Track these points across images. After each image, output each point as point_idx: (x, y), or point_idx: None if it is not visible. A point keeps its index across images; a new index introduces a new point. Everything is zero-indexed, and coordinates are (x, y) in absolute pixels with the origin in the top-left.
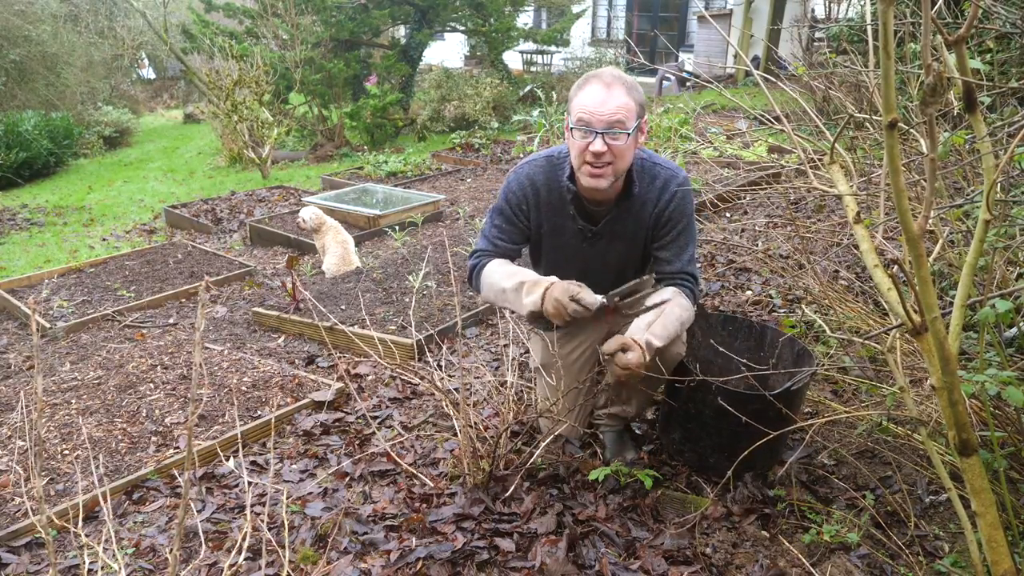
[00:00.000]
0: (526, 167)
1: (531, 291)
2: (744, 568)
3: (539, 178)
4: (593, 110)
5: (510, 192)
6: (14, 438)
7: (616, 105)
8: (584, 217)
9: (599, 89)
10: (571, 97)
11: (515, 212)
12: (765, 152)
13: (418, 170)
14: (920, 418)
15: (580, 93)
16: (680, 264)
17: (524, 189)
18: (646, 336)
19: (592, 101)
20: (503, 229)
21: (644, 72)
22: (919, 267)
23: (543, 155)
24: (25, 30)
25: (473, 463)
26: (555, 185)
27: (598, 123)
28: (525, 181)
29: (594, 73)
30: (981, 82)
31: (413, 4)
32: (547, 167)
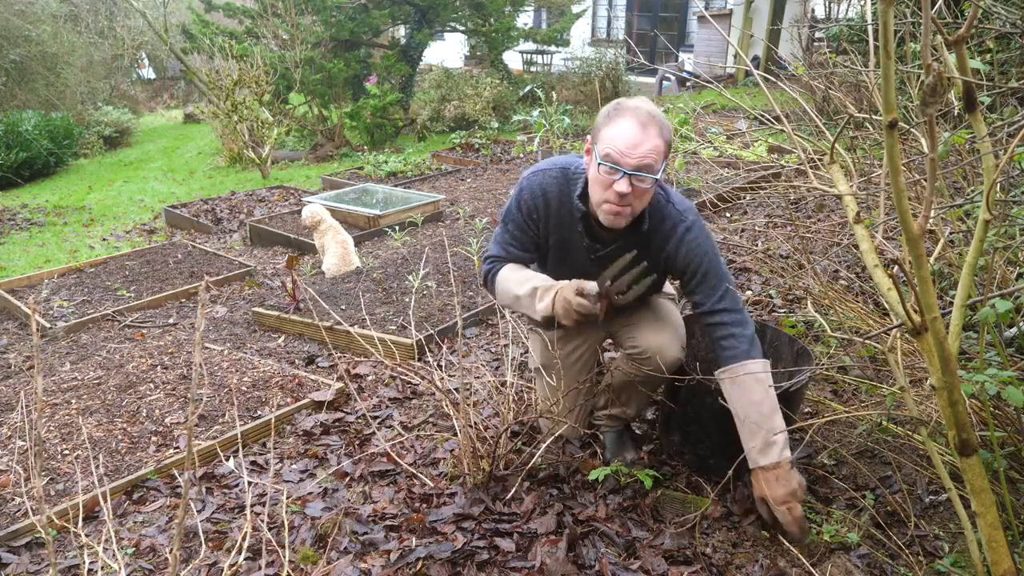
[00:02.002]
0: (539, 176)
1: (543, 296)
2: (744, 568)
3: (551, 190)
4: (624, 150)
5: (522, 200)
6: (14, 438)
7: (648, 148)
8: (592, 236)
9: (633, 128)
10: (600, 125)
11: (526, 220)
12: (765, 152)
13: (418, 170)
14: (920, 418)
15: (612, 126)
16: (712, 304)
17: (536, 199)
18: (774, 459)
19: (624, 140)
20: (515, 236)
21: (644, 72)
22: (919, 267)
23: (559, 165)
24: (25, 30)
25: (473, 463)
26: (566, 200)
27: (627, 164)
28: (537, 191)
29: (629, 106)
30: (981, 82)
31: (413, 4)
32: (561, 180)
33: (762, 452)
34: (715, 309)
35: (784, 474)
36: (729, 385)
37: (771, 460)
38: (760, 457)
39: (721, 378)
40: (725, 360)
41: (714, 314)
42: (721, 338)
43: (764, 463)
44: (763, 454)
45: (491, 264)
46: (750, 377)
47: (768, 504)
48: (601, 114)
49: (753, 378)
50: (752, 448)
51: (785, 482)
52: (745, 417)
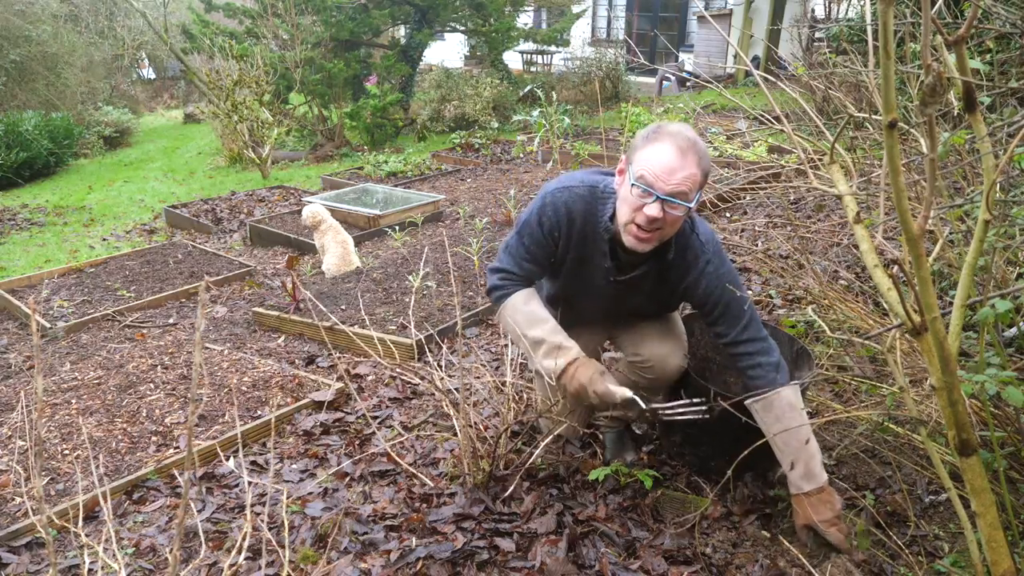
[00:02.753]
0: (565, 194)
1: (551, 355)
2: (744, 568)
3: (577, 208)
4: (660, 174)
5: (545, 216)
6: (14, 438)
7: (685, 175)
8: (615, 260)
9: (673, 153)
10: (637, 145)
11: (546, 236)
12: (765, 152)
13: (418, 170)
14: (920, 418)
15: (650, 148)
16: (735, 335)
17: (560, 216)
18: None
19: (661, 164)
20: (531, 250)
21: (644, 72)
22: (919, 267)
23: (587, 183)
24: (25, 30)
25: (473, 463)
26: (593, 220)
27: (661, 188)
28: (562, 208)
29: (669, 131)
30: (981, 82)
31: (413, 4)
32: (589, 199)
33: (805, 478)
34: (739, 340)
35: (828, 496)
36: (763, 414)
37: (816, 485)
38: (804, 483)
39: (754, 407)
40: (756, 389)
41: (738, 344)
42: (748, 368)
43: (808, 489)
44: (807, 480)
45: (502, 281)
46: (784, 404)
47: (814, 527)
48: (640, 135)
49: (787, 404)
50: (795, 475)
51: (831, 504)
52: (784, 445)
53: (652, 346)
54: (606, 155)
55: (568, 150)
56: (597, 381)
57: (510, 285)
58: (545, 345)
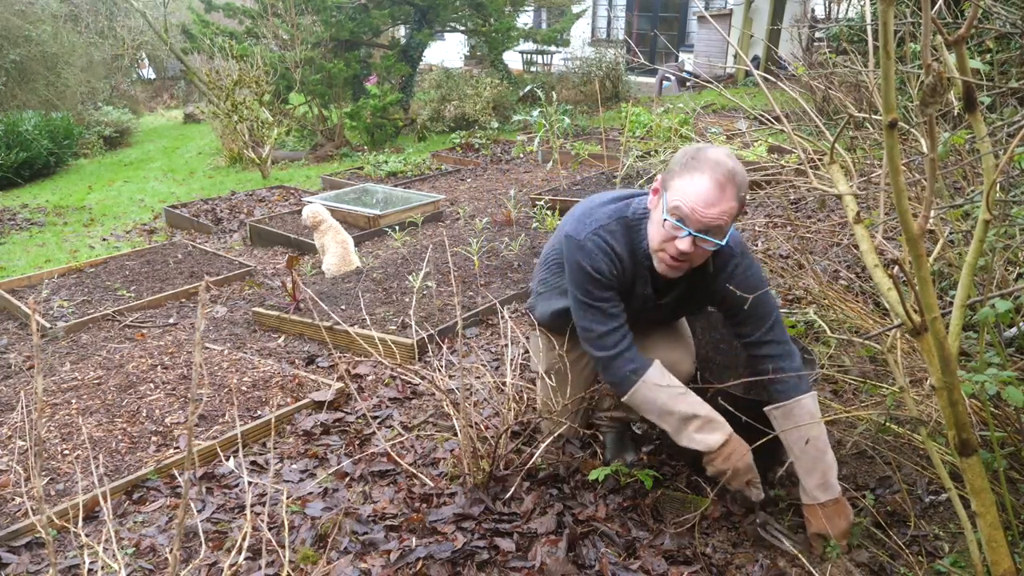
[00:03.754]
0: (601, 236)
1: (705, 430)
2: (744, 568)
3: (618, 246)
4: (695, 207)
5: (596, 261)
6: (14, 438)
7: (721, 210)
8: (654, 285)
9: (710, 186)
10: (675, 170)
11: (609, 278)
12: (765, 152)
13: (418, 170)
14: (920, 418)
15: (687, 178)
16: (759, 335)
17: (611, 259)
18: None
19: (698, 198)
20: (608, 298)
21: (644, 72)
22: (919, 267)
23: (614, 216)
24: (25, 30)
25: (473, 463)
26: (633, 252)
27: (695, 223)
28: (608, 251)
29: (709, 159)
30: (981, 82)
31: (413, 4)
32: (624, 232)
33: (821, 488)
34: (763, 340)
35: (843, 507)
36: (782, 421)
37: (832, 496)
38: (820, 494)
39: (773, 414)
40: (776, 395)
41: (761, 345)
42: (770, 371)
43: (824, 499)
44: (823, 490)
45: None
46: (804, 413)
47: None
48: (679, 158)
49: (807, 414)
50: (812, 485)
51: (845, 515)
52: (802, 454)
53: (662, 352)
54: (606, 155)
55: (568, 150)
56: (755, 471)
57: (629, 353)
58: (698, 420)
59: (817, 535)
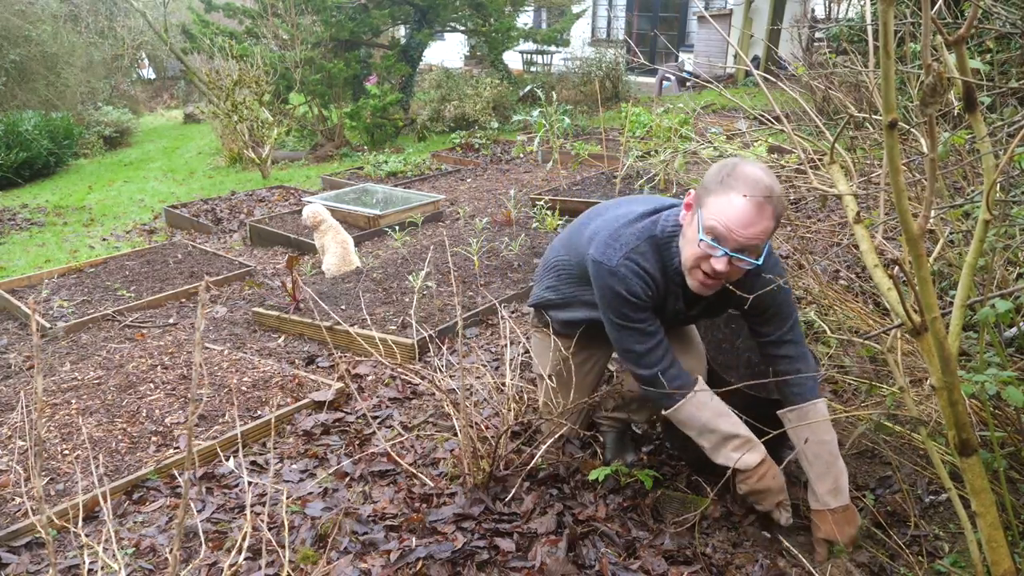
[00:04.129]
0: (633, 259)
1: (742, 449)
2: (744, 568)
3: (650, 267)
4: (732, 227)
5: (631, 285)
6: (14, 438)
7: (758, 230)
8: (684, 300)
9: (748, 207)
10: (710, 186)
11: (645, 301)
12: (765, 152)
13: (418, 170)
14: (920, 418)
15: (724, 197)
16: (779, 335)
17: (645, 281)
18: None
19: (735, 218)
20: (646, 319)
21: (644, 72)
22: (919, 267)
23: (643, 236)
24: (25, 30)
25: (473, 463)
26: (664, 270)
27: (731, 243)
28: (642, 274)
29: (747, 177)
30: (981, 82)
31: (413, 4)
32: (654, 252)
33: (832, 494)
34: (783, 340)
35: (851, 515)
36: (796, 423)
37: (842, 503)
38: (831, 499)
39: (788, 416)
40: (793, 398)
41: (780, 345)
42: (787, 372)
43: (835, 505)
44: (834, 496)
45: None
46: (819, 417)
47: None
48: (713, 175)
49: (824, 418)
50: (823, 490)
51: (853, 522)
52: (815, 458)
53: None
54: (606, 155)
55: (568, 150)
56: (786, 492)
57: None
58: (738, 440)
59: (823, 540)
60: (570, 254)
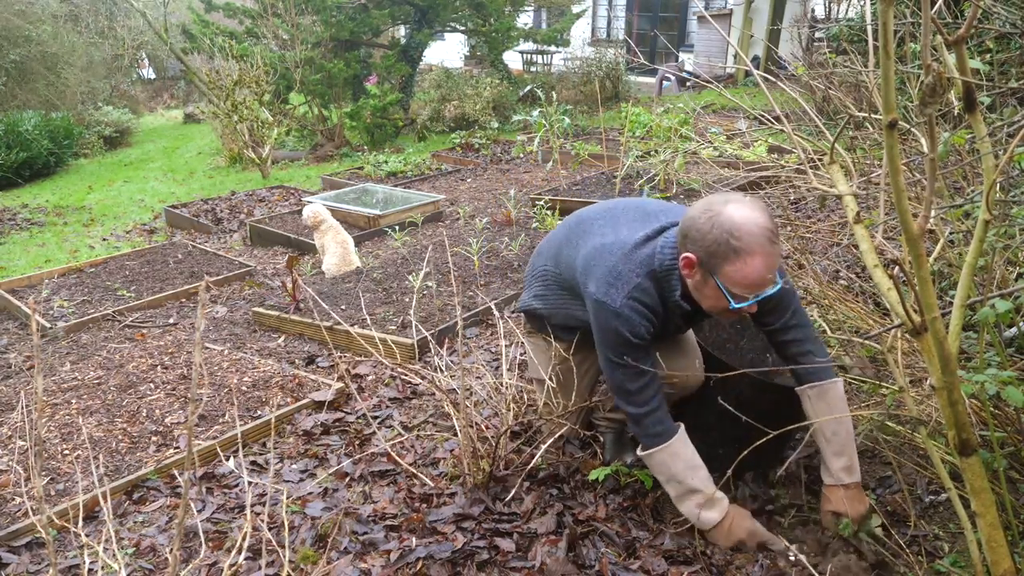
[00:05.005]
0: (637, 299)
1: (706, 507)
2: (744, 568)
3: (651, 303)
4: (760, 286)
5: (635, 327)
6: (14, 438)
7: (776, 266)
8: (686, 319)
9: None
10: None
11: (646, 341)
12: (765, 152)
13: (418, 170)
14: (920, 418)
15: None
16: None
17: (648, 319)
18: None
19: (760, 280)
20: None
21: (644, 72)
22: (919, 267)
23: (644, 271)
24: (25, 30)
25: (473, 463)
26: (665, 303)
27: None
28: (644, 311)
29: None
30: (981, 82)
31: (413, 4)
32: (654, 289)
33: (847, 471)
34: (788, 326)
35: (862, 494)
36: (816, 401)
37: (855, 480)
38: (845, 476)
39: (808, 394)
40: (810, 376)
41: (787, 331)
42: (799, 355)
43: (848, 481)
44: (848, 473)
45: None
46: (837, 395)
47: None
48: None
49: (840, 396)
50: (838, 467)
51: (863, 501)
52: (833, 435)
53: (673, 361)
54: (606, 155)
55: (568, 150)
56: (759, 533)
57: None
58: (700, 495)
59: (833, 513)
60: (559, 268)
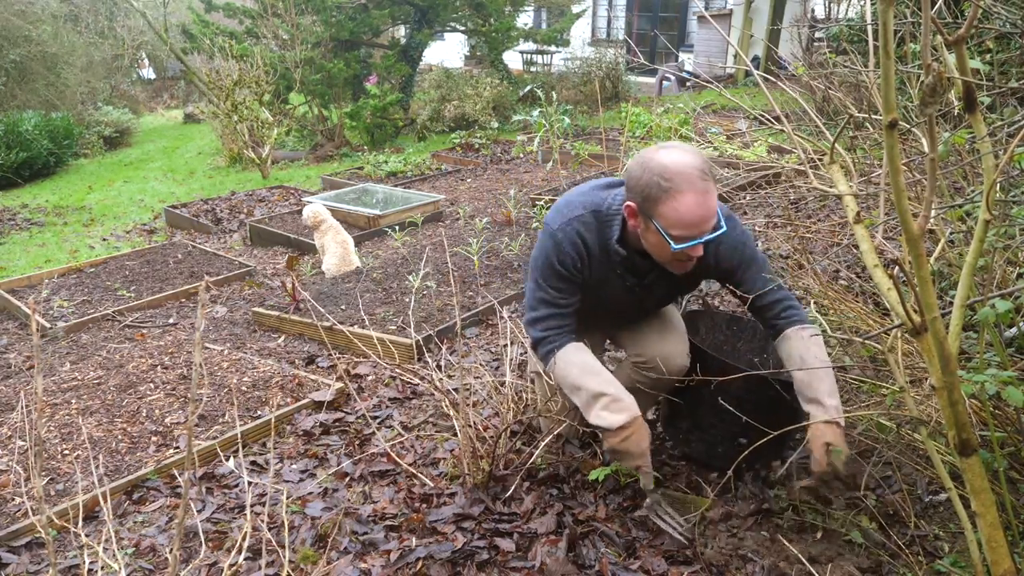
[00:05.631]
0: (574, 225)
1: (611, 408)
2: (744, 568)
3: (588, 237)
4: (695, 224)
5: (562, 253)
6: (14, 438)
7: (712, 208)
8: (632, 272)
9: (698, 203)
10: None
11: (571, 272)
12: (765, 152)
13: (418, 170)
14: (920, 418)
15: (672, 204)
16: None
17: (577, 249)
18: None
19: (696, 218)
20: (563, 290)
21: (644, 72)
22: (919, 267)
23: (589, 208)
24: (25, 30)
25: (473, 463)
26: (604, 245)
27: (699, 233)
28: (577, 241)
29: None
30: (981, 82)
31: (413, 4)
32: (596, 225)
33: (839, 410)
34: (765, 291)
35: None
36: (796, 341)
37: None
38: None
39: (787, 334)
40: (791, 322)
41: (764, 296)
42: (781, 311)
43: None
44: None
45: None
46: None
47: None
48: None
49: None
50: (833, 404)
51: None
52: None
53: (655, 346)
54: (606, 155)
55: (568, 150)
56: (647, 458)
57: (555, 335)
58: (606, 398)
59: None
60: None
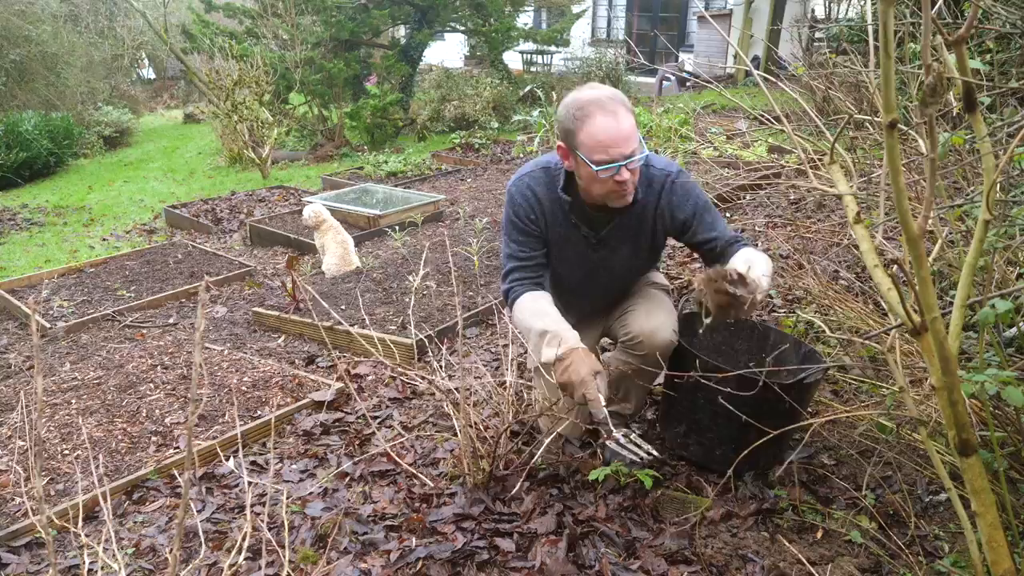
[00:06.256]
0: (525, 179)
1: (550, 343)
2: (744, 568)
3: (539, 189)
4: (612, 145)
5: (516, 205)
6: (14, 438)
7: (629, 132)
8: (587, 223)
9: (610, 123)
10: (570, 127)
11: (526, 223)
12: (765, 152)
13: (418, 170)
14: (920, 418)
15: (587, 128)
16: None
17: (528, 200)
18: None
19: (608, 137)
20: (522, 243)
21: (644, 72)
22: (919, 267)
23: (540, 165)
24: (25, 30)
25: (473, 463)
26: (553, 196)
27: (620, 156)
28: (527, 192)
29: (591, 101)
30: (981, 82)
31: (413, 4)
32: (545, 179)
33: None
34: (724, 236)
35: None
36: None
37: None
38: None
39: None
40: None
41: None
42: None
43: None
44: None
45: (511, 284)
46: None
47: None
48: (565, 116)
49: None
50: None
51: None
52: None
53: (641, 322)
54: None
55: None
56: (589, 384)
57: (518, 285)
58: (548, 335)
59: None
60: None
